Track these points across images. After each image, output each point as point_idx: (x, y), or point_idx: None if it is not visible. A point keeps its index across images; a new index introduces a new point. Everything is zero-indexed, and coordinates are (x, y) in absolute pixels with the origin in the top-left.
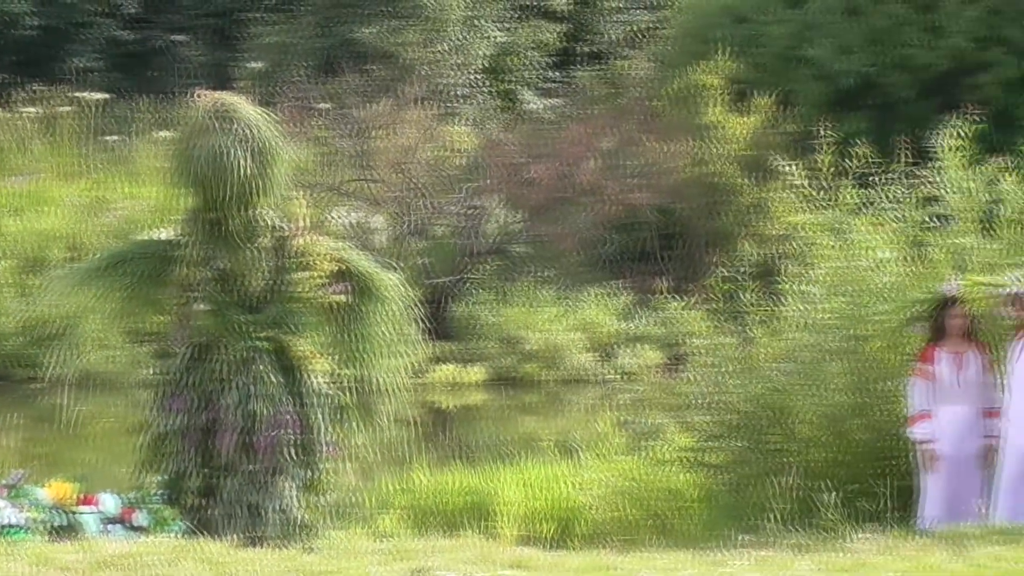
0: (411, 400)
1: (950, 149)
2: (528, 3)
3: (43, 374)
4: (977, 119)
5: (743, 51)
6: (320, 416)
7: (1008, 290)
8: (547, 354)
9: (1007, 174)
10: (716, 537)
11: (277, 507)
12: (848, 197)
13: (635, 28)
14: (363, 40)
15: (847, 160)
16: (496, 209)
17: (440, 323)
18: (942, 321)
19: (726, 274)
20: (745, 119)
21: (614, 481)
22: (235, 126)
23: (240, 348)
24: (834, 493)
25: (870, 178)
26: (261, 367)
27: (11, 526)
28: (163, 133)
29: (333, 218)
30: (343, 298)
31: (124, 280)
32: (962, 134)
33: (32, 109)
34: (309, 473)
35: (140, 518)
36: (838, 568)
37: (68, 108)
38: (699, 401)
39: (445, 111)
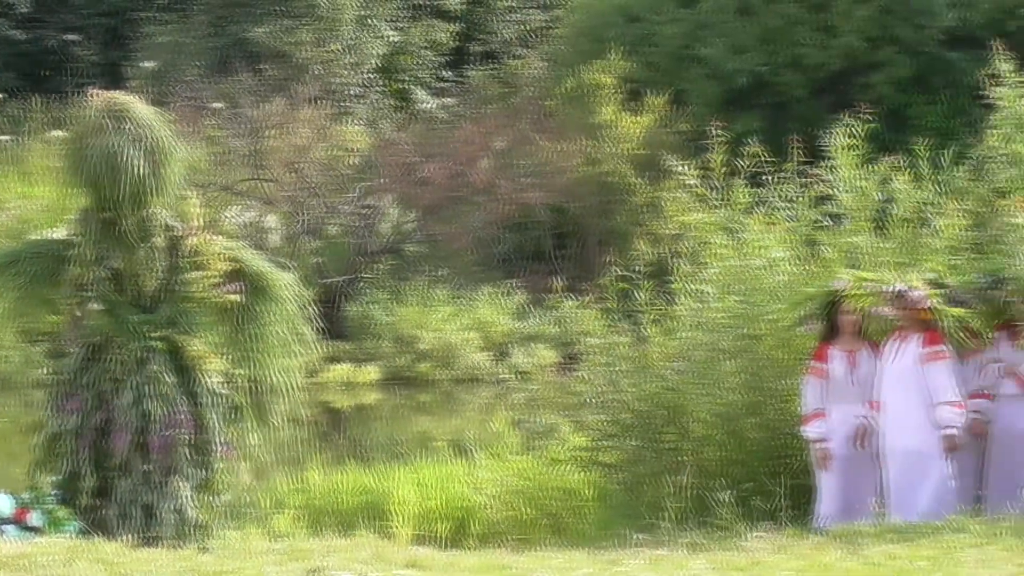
0: (305, 400)
1: (842, 148)
2: (421, 2)
3: None
4: (869, 118)
5: (636, 50)
6: (214, 416)
7: (889, 288)
8: (441, 353)
9: (899, 173)
10: (611, 536)
11: (172, 507)
12: (741, 196)
13: (528, 27)
14: (256, 39)
15: (740, 159)
16: (390, 208)
17: (334, 323)
18: (835, 320)
19: (620, 273)
20: (638, 118)
21: (509, 480)
22: (128, 125)
23: (134, 348)
24: (729, 492)
25: (763, 177)
26: (155, 367)
27: None
28: (56, 133)
29: (227, 217)
30: (237, 298)
31: (17, 280)
32: (854, 133)
33: None
34: (204, 473)
35: (34, 518)
36: (733, 567)
37: None
38: (593, 400)
39: (338, 110)
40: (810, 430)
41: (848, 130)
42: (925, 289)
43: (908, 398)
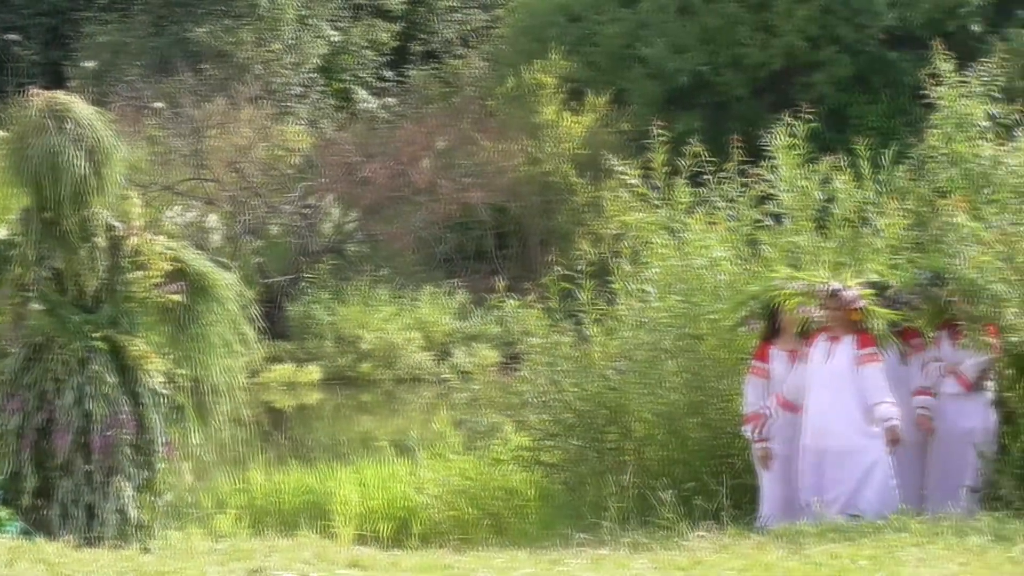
0: (247, 400)
1: (783, 148)
2: (362, 2)
3: None
4: (810, 118)
5: (577, 50)
6: (156, 416)
7: (822, 287)
8: (383, 353)
9: (840, 173)
10: (553, 536)
11: (114, 507)
12: (682, 196)
13: (469, 27)
14: (197, 39)
15: (681, 159)
16: (331, 208)
17: (276, 323)
18: (776, 319)
19: (561, 273)
20: (580, 118)
21: (451, 480)
22: (69, 125)
23: (76, 348)
24: (671, 491)
25: (704, 177)
26: (97, 367)
27: None
28: None
29: (168, 217)
30: (179, 298)
31: None
32: (795, 133)
33: None
34: (146, 473)
35: None
36: (675, 566)
37: None
38: (535, 400)
39: (280, 110)
40: (751, 430)
41: (789, 130)
42: (858, 289)
43: (840, 400)
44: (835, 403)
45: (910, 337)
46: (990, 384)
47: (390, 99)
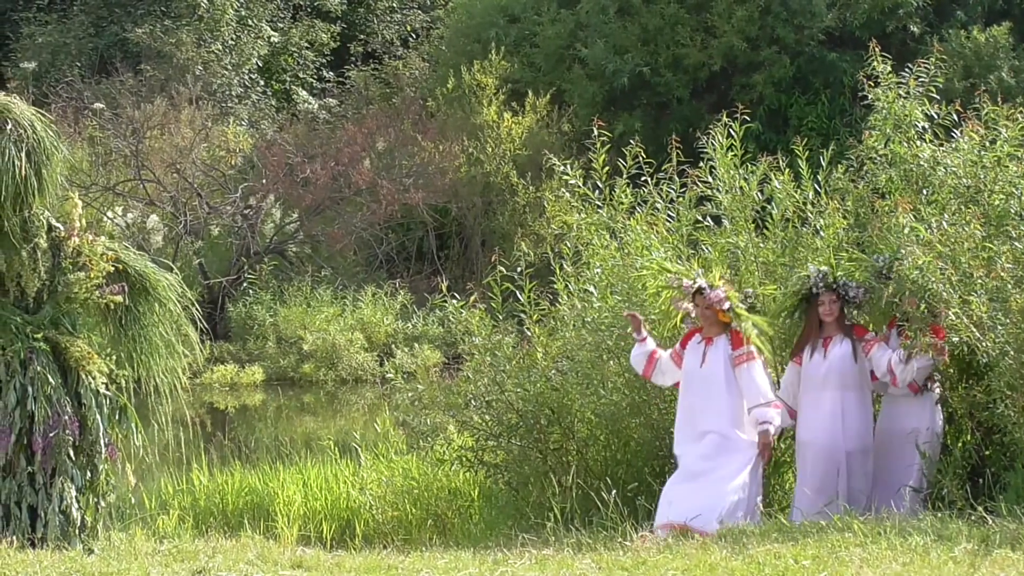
0: (189, 401)
1: (722, 148)
2: (301, 3)
3: None
4: (749, 118)
5: (517, 50)
6: (99, 417)
7: (688, 283)
8: (325, 354)
9: (779, 173)
10: (497, 536)
11: (57, 508)
12: (623, 196)
13: (409, 27)
14: (137, 40)
15: (621, 159)
16: (272, 209)
17: (218, 323)
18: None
19: (503, 273)
20: (520, 119)
21: (394, 481)
22: (9, 126)
23: (17, 349)
24: (614, 492)
25: (644, 178)
26: (39, 368)
27: None
28: None
29: (109, 218)
30: (120, 299)
31: None
32: (734, 133)
33: None
34: (88, 474)
35: None
36: (619, 567)
37: None
38: (478, 400)
39: (220, 111)
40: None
41: (728, 130)
42: (724, 290)
43: (713, 403)
44: (707, 407)
45: (861, 333)
46: (935, 385)
47: (330, 100)
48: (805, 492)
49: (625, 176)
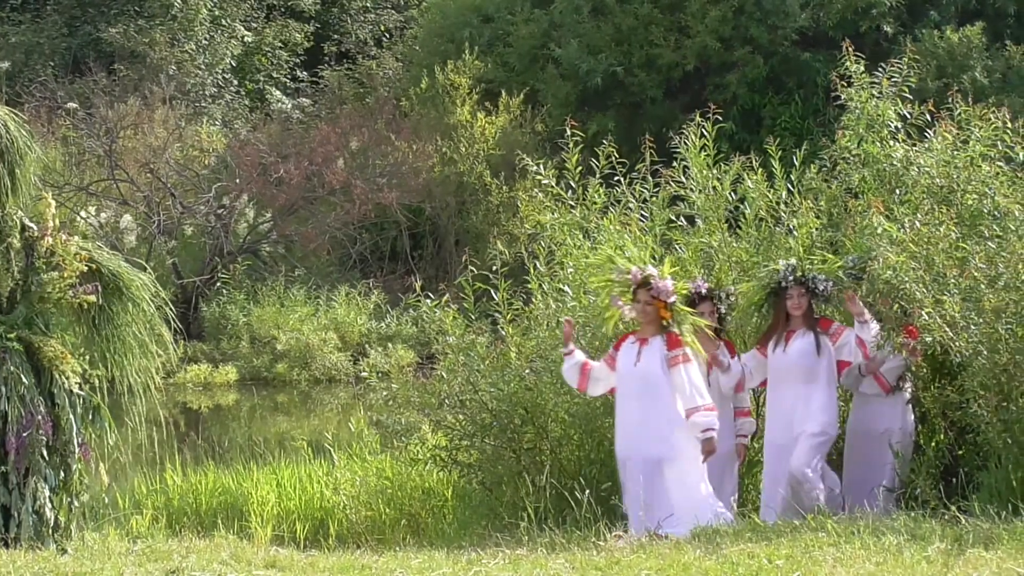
0: (163, 400)
1: (695, 148)
2: (275, 3)
3: None
4: (722, 118)
5: (490, 50)
6: (72, 417)
7: (636, 272)
8: (299, 354)
9: (751, 173)
10: (470, 536)
11: (30, 508)
12: (596, 196)
13: (383, 27)
14: (110, 39)
15: (595, 159)
16: (246, 209)
17: (191, 323)
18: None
19: (476, 273)
20: (494, 118)
21: (368, 480)
22: None
23: None
24: (588, 491)
25: (617, 177)
26: (12, 368)
27: None
28: None
29: (82, 218)
30: (93, 298)
31: None
32: (707, 133)
33: None
34: (62, 474)
35: None
36: (592, 567)
37: None
38: (452, 400)
39: (193, 111)
40: (746, 427)
41: (700, 130)
42: (673, 284)
43: (650, 406)
44: (645, 410)
45: (827, 326)
46: (908, 385)
47: (304, 99)
48: (767, 486)
49: (598, 176)
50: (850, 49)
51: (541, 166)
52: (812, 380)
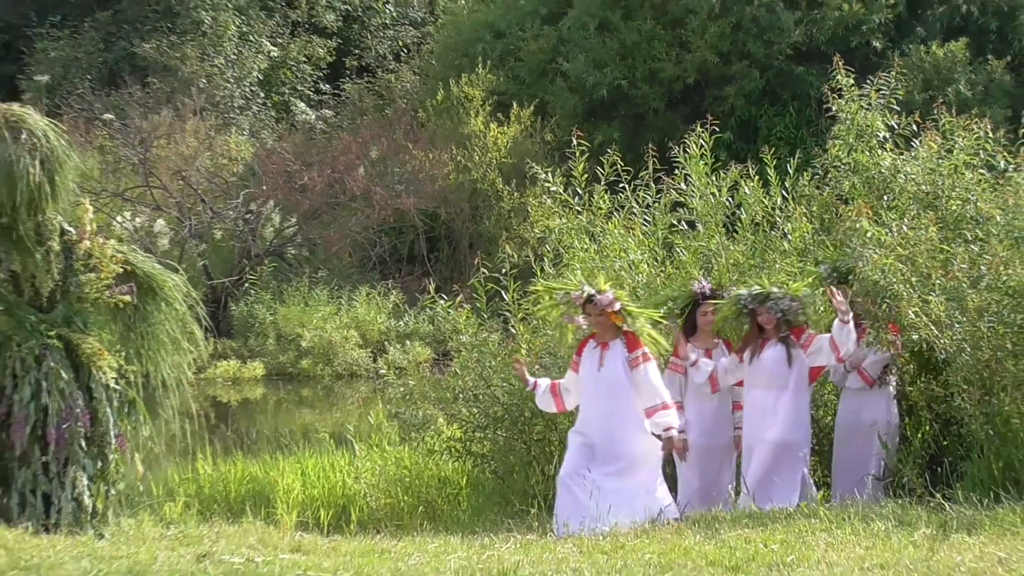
0: (194, 394)
1: (695, 157)
2: (299, 19)
3: None
4: (720, 129)
5: (502, 64)
6: (109, 410)
7: (576, 294)
8: (322, 350)
9: (748, 180)
10: (484, 522)
11: (70, 496)
12: (601, 202)
13: (401, 43)
14: (144, 54)
15: (600, 167)
16: (272, 214)
17: (221, 322)
18: (693, 318)
19: (489, 274)
20: (505, 129)
21: (387, 470)
22: (24, 136)
23: (32, 346)
24: None
25: (621, 184)
26: (52, 363)
27: None
28: None
29: (118, 222)
30: (128, 298)
31: None
32: (706, 143)
33: None
34: (99, 464)
35: None
36: (599, 550)
37: None
38: (466, 394)
39: (223, 122)
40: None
41: (701, 140)
42: (612, 292)
43: (616, 407)
44: (612, 410)
45: (799, 334)
46: (893, 379)
47: (327, 111)
48: (744, 482)
49: (604, 183)
50: (841, 63)
51: (550, 174)
52: (783, 388)
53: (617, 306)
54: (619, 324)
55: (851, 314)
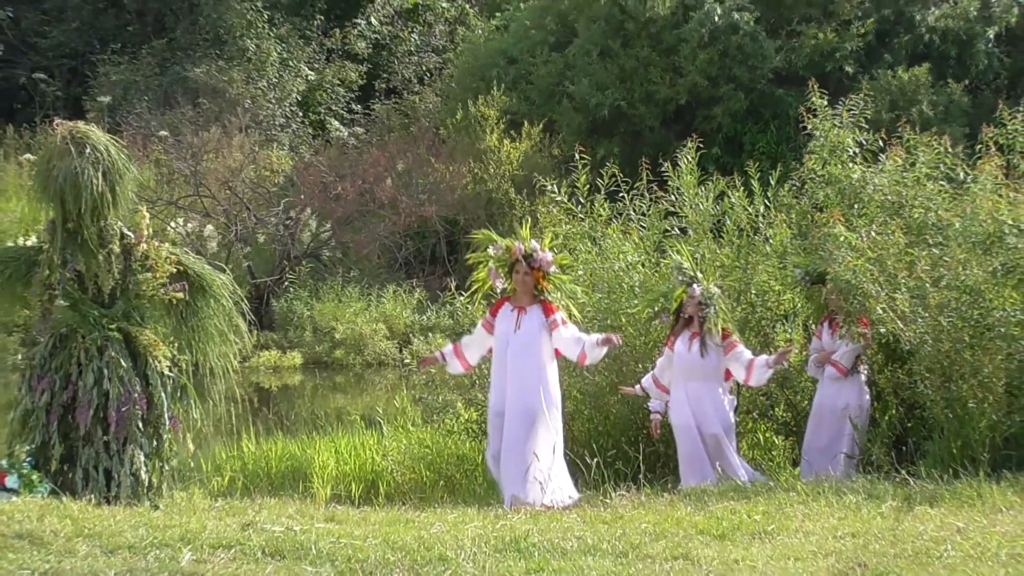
0: (239, 381)
1: (685, 170)
2: (334, 47)
3: None
4: (708, 145)
5: (515, 87)
6: (163, 394)
7: (519, 246)
8: (353, 342)
9: (734, 190)
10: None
11: (128, 472)
12: (602, 210)
13: (424, 68)
14: (195, 78)
15: (601, 179)
16: (309, 220)
17: (263, 316)
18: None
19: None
20: (517, 144)
21: (411, 449)
22: (88, 150)
23: (95, 337)
24: (596, 458)
25: (620, 194)
26: (113, 353)
27: None
28: (27, 156)
29: (172, 228)
30: (181, 295)
31: None
32: (691, 159)
33: None
34: (155, 443)
35: (12, 481)
36: (600, 520)
37: None
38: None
39: (265, 138)
40: (652, 405)
41: (691, 155)
42: (552, 255)
43: (531, 364)
44: (524, 368)
45: (725, 337)
46: (864, 368)
47: (358, 128)
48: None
49: (604, 193)
50: (816, 86)
51: (556, 185)
52: (701, 377)
53: (553, 268)
54: (541, 289)
55: (783, 366)
